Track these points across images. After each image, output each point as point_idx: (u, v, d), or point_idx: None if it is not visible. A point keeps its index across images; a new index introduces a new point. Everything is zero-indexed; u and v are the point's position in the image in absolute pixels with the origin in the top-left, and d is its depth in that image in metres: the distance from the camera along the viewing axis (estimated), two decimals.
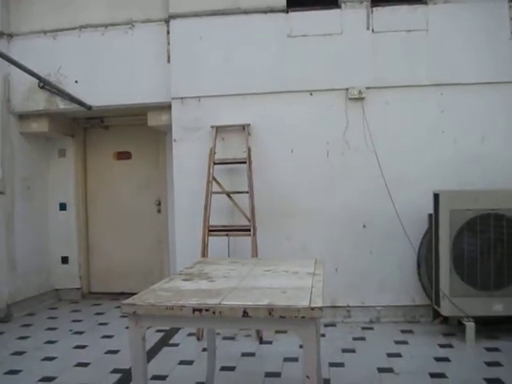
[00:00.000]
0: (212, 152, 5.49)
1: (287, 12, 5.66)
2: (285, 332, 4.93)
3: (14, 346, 4.98)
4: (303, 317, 2.19)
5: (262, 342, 4.94)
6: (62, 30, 6.21)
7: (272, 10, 5.67)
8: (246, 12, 5.70)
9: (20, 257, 6.32)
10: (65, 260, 7.16)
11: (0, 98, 6.14)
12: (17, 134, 6.41)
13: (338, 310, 5.55)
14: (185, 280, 2.90)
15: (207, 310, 2.25)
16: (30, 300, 6.50)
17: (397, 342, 4.80)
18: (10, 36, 6.29)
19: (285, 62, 5.64)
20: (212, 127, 5.63)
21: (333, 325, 5.44)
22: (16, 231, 6.28)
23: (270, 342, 4.92)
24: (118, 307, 2.75)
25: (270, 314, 2.22)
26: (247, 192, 5.35)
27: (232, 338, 5.09)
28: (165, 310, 2.30)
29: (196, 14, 5.75)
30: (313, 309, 2.19)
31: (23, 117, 6.41)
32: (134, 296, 2.48)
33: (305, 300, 2.31)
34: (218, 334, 5.08)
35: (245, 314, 2.23)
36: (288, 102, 5.62)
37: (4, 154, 6.15)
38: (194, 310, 2.26)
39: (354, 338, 4.99)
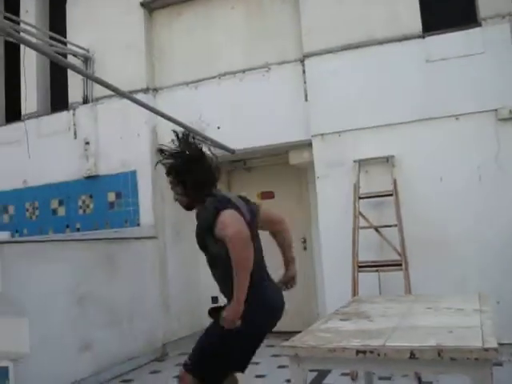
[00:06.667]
0: (356, 187, 5.43)
1: (423, 37, 5.52)
2: None
3: None
4: (476, 358, 2.03)
5: (420, 382, 4.68)
6: (202, 79, 6.58)
7: (406, 38, 5.57)
8: (380, 42, 5.65)
9: (173, 298, 6.63)
10: (214, 300, 7.34)
11: (150, 148, 6.58)
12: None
13: (504, 347, 5.09)
14: (342, 320, 2.84)
15: (371, 352, 2.16)
16: (184, 339, 6.72)
17: None
18: (156, 90, 6.76)
19: (424, 88, 5.48)
20: (354, 161, 5.59)
21: (499, 364, 5.02)
22: (169, 274, 6.62)
23: (429, 383, 4.64)
24: (269, 346, 2.73)
25: (438, 355, 2.08)
26: (396, 225, 5.19)
27: (388, 378, 4.88)
28: (327, 352, 2.25)
29: (330, 51, 5.81)
30: (487, 350, 2.02)
31: None
32: (294, 337, 2.46)
33: (476, 340, 2.15)
34: (373, 373, 4.90)
35: (411, 355, 2.11)
36: (431, 128, 5.42)
37: (155, 202, 6.57)
38: (358, 351, 2.18)
39: None
